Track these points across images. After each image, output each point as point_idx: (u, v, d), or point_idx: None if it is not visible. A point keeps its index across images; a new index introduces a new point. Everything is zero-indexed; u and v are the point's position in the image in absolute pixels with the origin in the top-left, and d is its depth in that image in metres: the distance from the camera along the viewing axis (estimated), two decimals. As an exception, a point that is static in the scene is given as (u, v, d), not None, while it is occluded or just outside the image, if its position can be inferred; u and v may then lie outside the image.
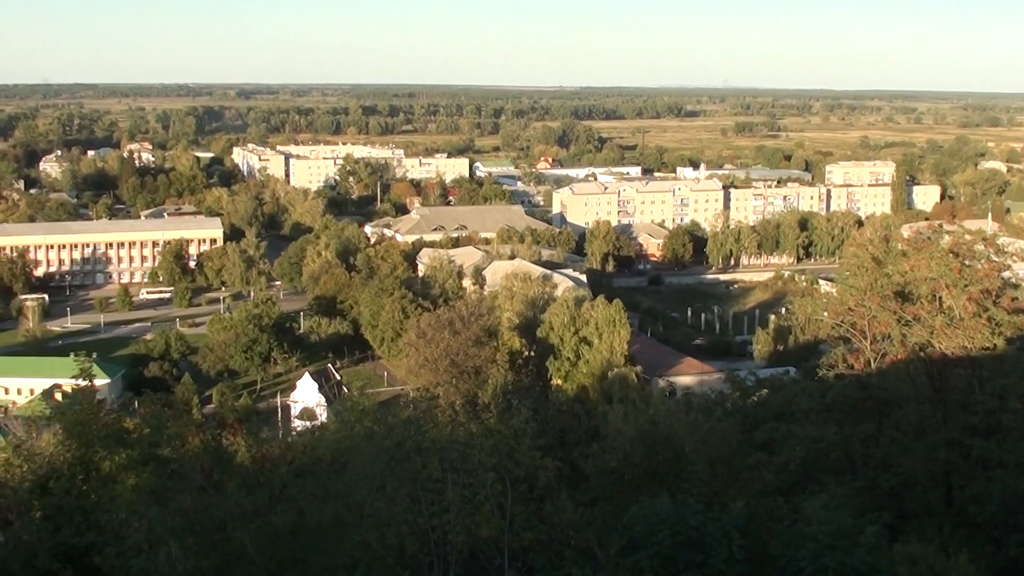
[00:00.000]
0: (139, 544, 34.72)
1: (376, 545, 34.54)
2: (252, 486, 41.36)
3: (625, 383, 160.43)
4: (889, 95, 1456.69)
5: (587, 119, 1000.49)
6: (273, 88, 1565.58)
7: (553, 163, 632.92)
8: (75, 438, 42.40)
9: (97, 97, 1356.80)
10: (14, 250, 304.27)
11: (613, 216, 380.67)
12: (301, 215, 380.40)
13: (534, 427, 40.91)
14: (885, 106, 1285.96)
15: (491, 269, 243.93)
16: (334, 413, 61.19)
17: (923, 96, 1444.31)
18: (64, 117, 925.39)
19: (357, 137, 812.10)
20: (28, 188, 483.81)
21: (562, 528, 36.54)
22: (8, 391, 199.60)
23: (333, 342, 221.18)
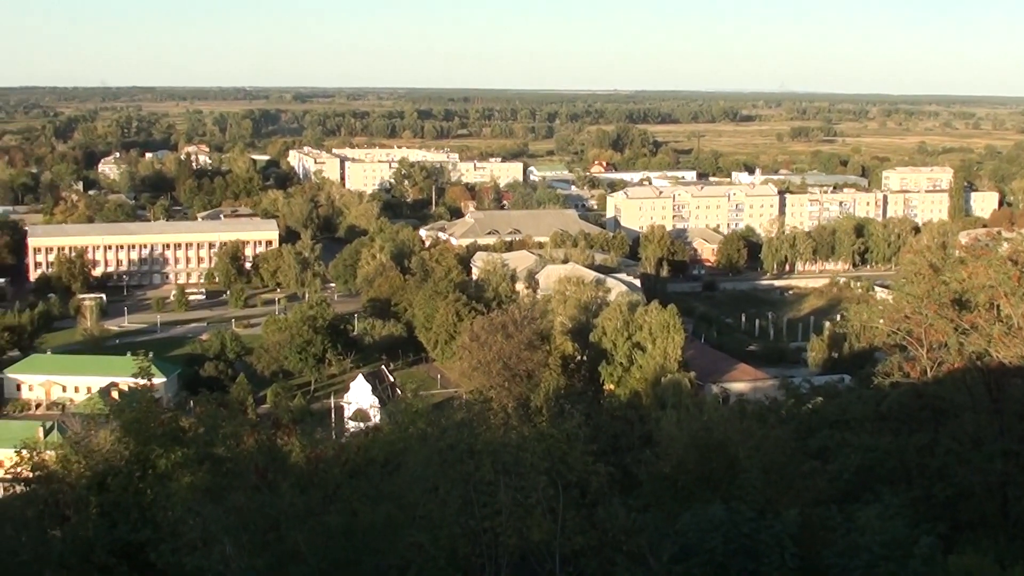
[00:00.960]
0: (194, 541, 35.01)
1: (428, 546, 34.66)
2: (306, 486, 41.62)
3: (678, 389, 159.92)
4: (947, 100, 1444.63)
5: (642, 123, 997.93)
6: (329, 92, 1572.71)
7: (607, 167, 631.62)
8: (132, 436, 42.81)
9: (155, 100, 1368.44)
10: (73, 250, 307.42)
11: (667, 221, 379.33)
12: (356, 218, 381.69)
13: (586, 432, 40.82)
14: (943, 111, 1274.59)
15: (544, 273, 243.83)
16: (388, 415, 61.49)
17: (982, 101, 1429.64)
18: (123, 120, 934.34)
19: (412, 141, 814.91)
20: (87, 189, 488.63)
21: (614, 534, 36.48)
22: (66, 389, 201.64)
23: (387, 344, 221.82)
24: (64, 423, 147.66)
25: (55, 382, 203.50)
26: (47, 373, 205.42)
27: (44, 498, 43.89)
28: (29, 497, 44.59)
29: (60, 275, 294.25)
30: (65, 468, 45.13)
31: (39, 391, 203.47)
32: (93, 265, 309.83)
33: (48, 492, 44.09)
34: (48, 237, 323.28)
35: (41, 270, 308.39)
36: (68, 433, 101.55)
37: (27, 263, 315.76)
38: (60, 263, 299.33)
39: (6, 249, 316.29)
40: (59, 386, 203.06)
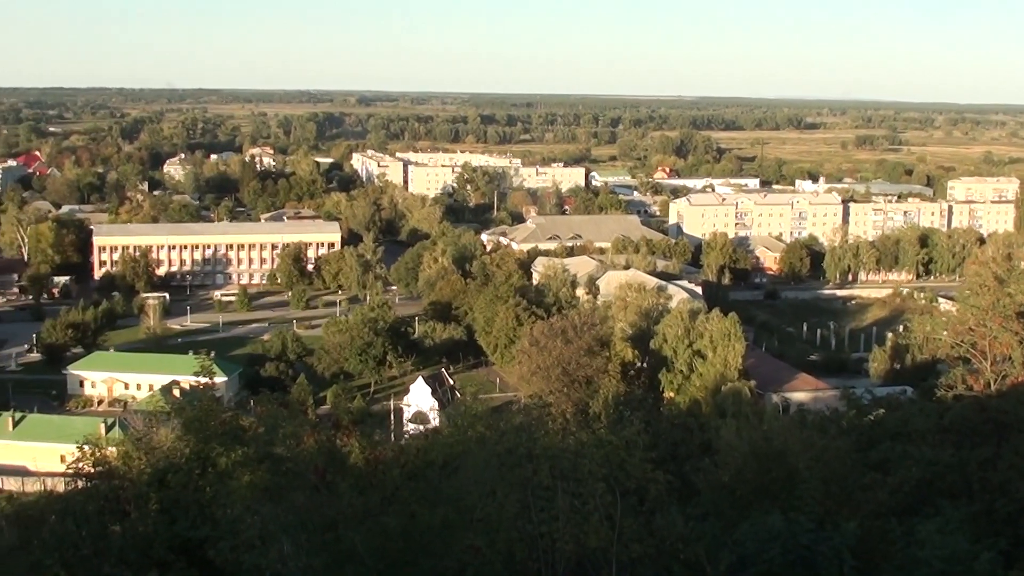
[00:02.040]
0: (252, 540, 35.20)
1: (485, 550, 34.68)
2: (364, 487, 41.81)
3: (739, 398, 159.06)
4: (1015, 110, 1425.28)
5: (705, 129, 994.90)
6: (393, 96, 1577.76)
7: (670, 173, 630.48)
8: (193, 434, 43.17)
9: (221, 102, 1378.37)
10: (137, 249, 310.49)
11: (730, 228, 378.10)
12: (418, 221, 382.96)
13: (646, 439, 40.67)
14: (1010, 120, 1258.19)
15: (605, 279, 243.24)
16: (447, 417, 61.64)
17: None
18: (188, 121, 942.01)
19: (475, 145, 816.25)
20: (152, 190, 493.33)
21: (671, 542, 36.33)
22: (128, 386, 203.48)
23: (447, 347, 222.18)
24: (126, 420, 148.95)
25: (117, 379, 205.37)
26: (110, 370, 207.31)
27: (105, 493, 44.30)
28: (90, 492, 45.00)
29: (124, 274, 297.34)
30: (126, 464, 45.54)
31: (101, 388, 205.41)
32: (157, 264, 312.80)
33: (109, 488, 44.50)
34: (113, 236, 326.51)
35: (106, 269, 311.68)
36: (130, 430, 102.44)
37: (92, 262, 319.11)
38: (124, 262, 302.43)
39: (72, 248, 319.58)
40: (121, 383, 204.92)
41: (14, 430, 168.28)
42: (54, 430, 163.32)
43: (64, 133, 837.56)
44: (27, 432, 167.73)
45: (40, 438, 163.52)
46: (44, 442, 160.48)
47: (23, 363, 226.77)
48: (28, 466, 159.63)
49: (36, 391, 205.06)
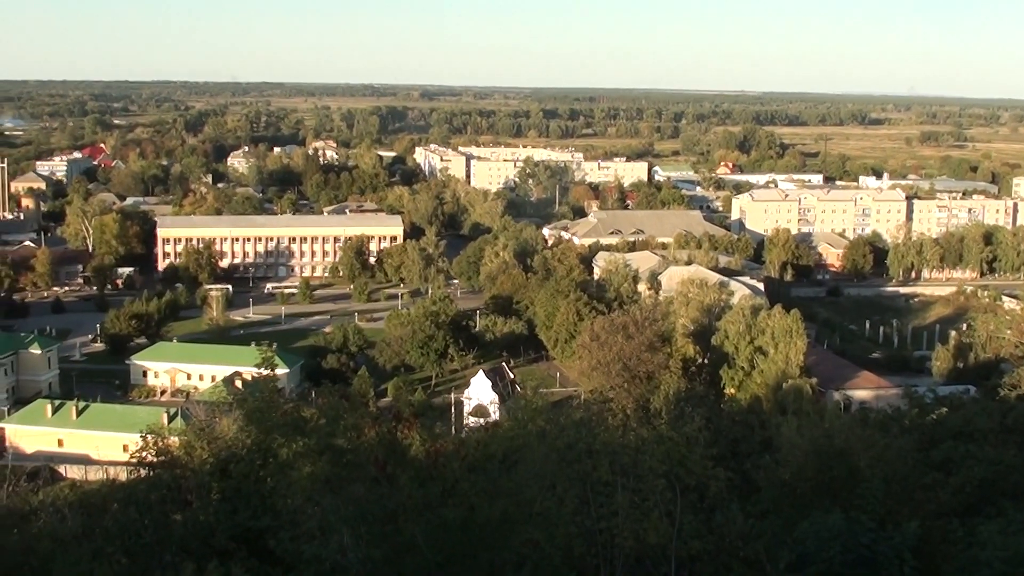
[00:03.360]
0: (312, 530, 35.41)
1: (544, 544, 34.67)
2: (425, 479, 41.92)
3: (800, 395, 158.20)
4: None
5: (769, 124, 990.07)
6: (456, 90, 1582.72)
7: (733, 168, 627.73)
8: (256, 424, 43.42)
9: (284, 95, 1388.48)
10: (201, 241, 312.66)
11: (793, 224, 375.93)
12: (480, 215, 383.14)
13: (706, 436, 40.56)
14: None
15: (667, 274, 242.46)
16: (507, 411, 61.62)
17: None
18: (252, 114, 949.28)
19: (537, 140, 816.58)
20: (216, 182, 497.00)
21: (731, 539, 36.22)
22: (190, 377, 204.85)
23: (508, 341, 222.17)
24: (188, 410, 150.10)
25: (180, 370, 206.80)
26: (172, 361, 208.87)
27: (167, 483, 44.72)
28: (153, 481, 45.44)
29: (188, 265, 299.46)
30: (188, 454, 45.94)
31: (164, 378, 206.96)
32: (220, 256, 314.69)
33: (171, 477, 44.92)
34: (177, 228, 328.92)
35: (169, 260, 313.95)
36: (192, 420, 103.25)
37: (156, 253, 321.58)
38: (188, 254, 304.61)
39: (136, 239, 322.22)
40: (184, 374, 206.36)
41: (78, 419, 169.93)
42: (117, 419, 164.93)
43: (129, 126, 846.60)
44: (91, 421, 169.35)
45: (103, 427, 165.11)
46: (107, 431, 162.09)
47: (87, 353, 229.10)
48: (91, 454, 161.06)
49: (100, 381, 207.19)
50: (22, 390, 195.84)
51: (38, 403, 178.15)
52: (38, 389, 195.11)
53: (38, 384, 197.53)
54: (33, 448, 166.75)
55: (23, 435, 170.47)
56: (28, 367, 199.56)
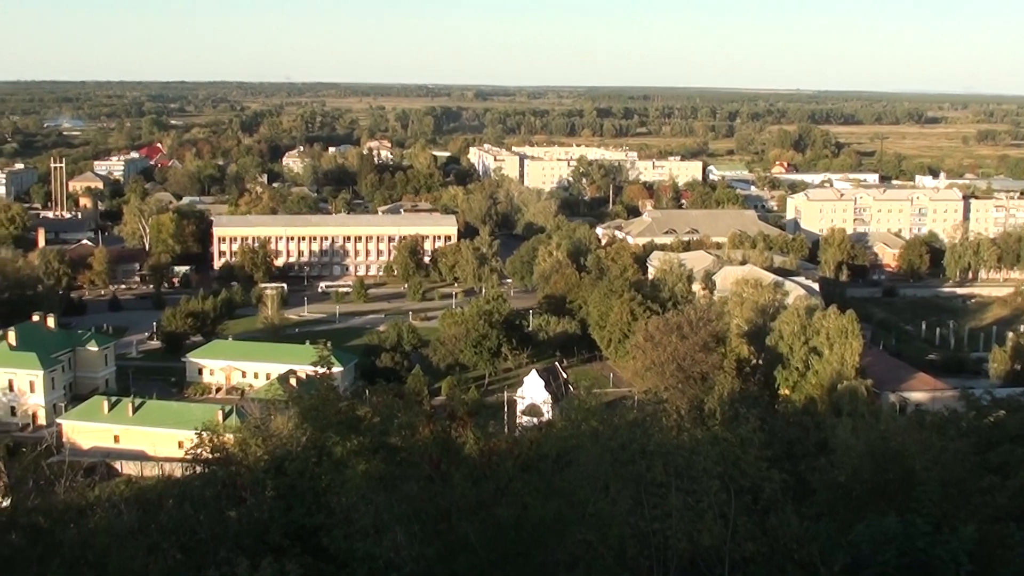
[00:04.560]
0: (366, 528, 35.53)
1: (597, 544, 34.65)
2: (478, 478, 42.00)
3: (855, 396, 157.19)
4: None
5: (824, 123, 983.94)
6: (510, 90, 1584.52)
7: (788, 168, 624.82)
8: (310, 422, 43.66)
9: (339, 96, 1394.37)
10: (256, 240, 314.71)
11: (848, 224, 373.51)
12: (534, 215, 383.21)
13: (761, 437, 40.41)
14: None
15: (721, 274, 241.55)
16: (561, 411, 61.63)
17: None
18: (307, 114, 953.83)
19: (591, 139, 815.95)
20: (271, 182, 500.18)
21: (785, 542, 36.03)
22: (245, 375, 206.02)
23: (561, 341, 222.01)
24: (243, 408, 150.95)
25: (235, 367, 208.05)
26: (228, 359, 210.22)
27: (222, 479, 45.04)
28: (208, 478, 45.78)
29: (243, 264, 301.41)
30: (243, 451, 46.25)
31: (219, 376, 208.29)
32: (275, 255, 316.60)
33: (226, 474, 45.24)
34: (232, 227, 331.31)
35: (225, 259, 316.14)
36: (247, 418, 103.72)
37: (212, 252, 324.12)
38: (243, 253, 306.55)
39: (192, 238, 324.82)
40: (239, 371, 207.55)
41: (134, 415, 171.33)
42: (173, 416, 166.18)
43: (185, 126, 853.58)
44: (146, 418, 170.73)
45: (159, 424, 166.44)
46: (163, 428, 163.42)
47: (143, 350, 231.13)
48: (147, 451, 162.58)
49: (156, 378, 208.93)
50: (79, 387, 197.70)
51: (95, 400, 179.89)
52: (95, 386, 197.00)
53: (95, 381, 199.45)
54: (90, 444, 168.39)
55: (80, 431, 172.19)
56: (85, 364, 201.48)
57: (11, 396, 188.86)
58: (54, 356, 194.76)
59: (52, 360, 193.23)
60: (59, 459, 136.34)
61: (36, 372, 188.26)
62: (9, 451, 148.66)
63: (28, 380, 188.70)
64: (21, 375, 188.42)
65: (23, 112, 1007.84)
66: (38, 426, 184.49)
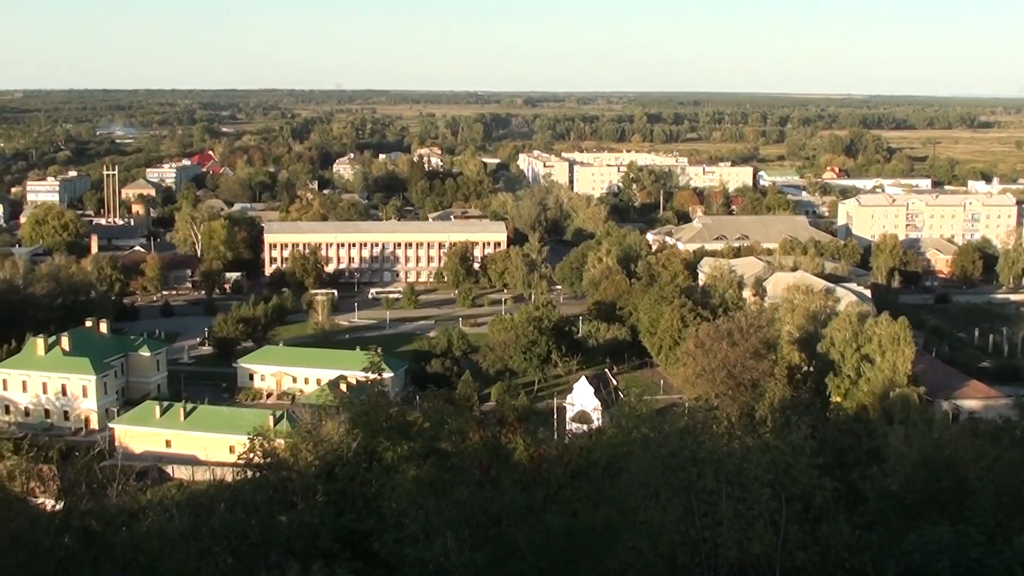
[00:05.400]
0: (416, 533, 35.62)
1: (647, 552, 34.56)
2: (528, 484, 42.04)
3: (907, 404, 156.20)
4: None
5: (876, 128, 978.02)
6: (559, 96, 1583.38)
7: (839, 173, 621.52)
8: (361, 428, 43.80)
9: (389, 103, 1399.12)
10: (307, 247, 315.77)
11: (900, 230, 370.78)
12: (584, 221, 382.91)
13: (812, 445, 40.18)
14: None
15: (772, 280, 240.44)
16: (611, 418, 61.59)
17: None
18: (357, 122, 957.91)
19: (641, 145, 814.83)
20: (322, 188, 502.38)
21: (837, 550, 35.84)
22: (296, 380, 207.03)
23: (611, 347, 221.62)
24: (294, 413, 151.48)
25: (286, 373, 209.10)
26: (278, 364, 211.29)
27: (274, 484, 45.28)
28: (259, 483, 46.05)
29: (294, 270, 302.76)
30: (294, 456, 46.46)
31: (270, 381, 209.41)
32: (326, 262, 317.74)
33: (277, 479, 45.48)
34: (283, 234, 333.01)
35: (276, 265, 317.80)
36: (298, 423, 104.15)
37: (263, 258, 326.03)
38: (294, 259, 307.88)
39: (243, 244, 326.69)
40: (289, 377, 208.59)
41: (186, 420, 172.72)
42: (224, 421, 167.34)
43: (237, 133, 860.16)
44: (198, 423, 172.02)
45: (210, 429, 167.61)
46: (214, 433, 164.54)
47: (195, 356, 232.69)
48: (198, 455, 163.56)
49: (207, 383, 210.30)
50: (132, 391, 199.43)
51: (147, 404, 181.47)
52: (147, 391, 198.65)
53: (147, 386, 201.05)
54: (142, 448, 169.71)
55: (132, 435, 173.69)
56: (138, 369, 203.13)
57: (64, 400, 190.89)
58: (106, 361, 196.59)
59: (104, 365, 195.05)
60: (111, 463, 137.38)
61: (89, 377, 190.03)
62: (62, 455, 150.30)
63: (81, 385, 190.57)
64: (74, 380, 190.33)
65: (76, 120, 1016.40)
66: (91, 430, 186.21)
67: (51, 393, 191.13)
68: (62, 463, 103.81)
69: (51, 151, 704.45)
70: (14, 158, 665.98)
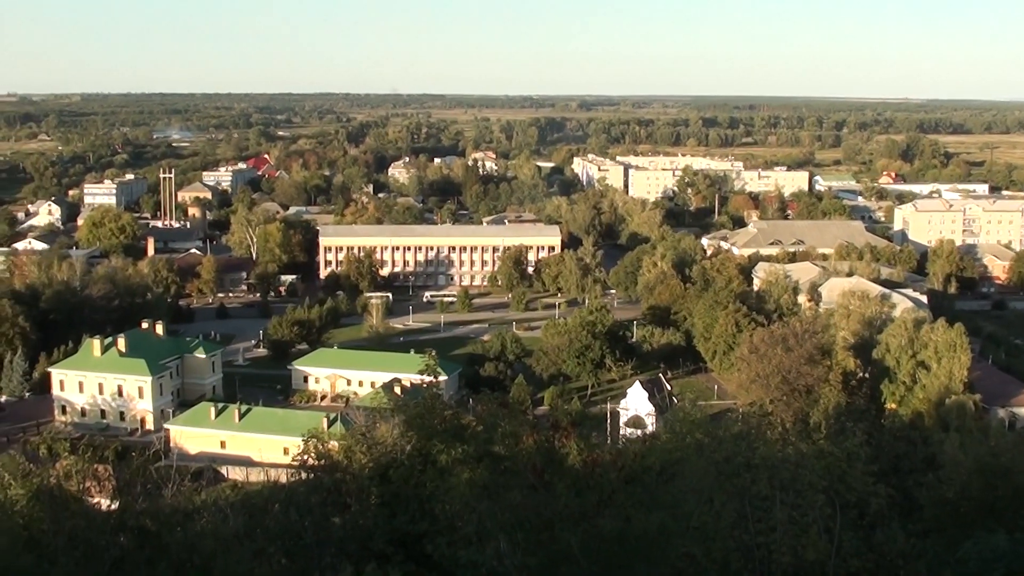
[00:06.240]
0: (469, 536, 35.75)
1: (701, 558, 34.52)
2: (581, 489, 42.04)
3: (963, 411, 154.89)
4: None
5: (933, 133, 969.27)
6: (614, 100, 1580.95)
7: (896, 178, 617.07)
8: (416, 430, 43.94)
9: (444, 107, 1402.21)
10: (361, 250, 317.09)
11: (957, 235, 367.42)
12: (638, 225, 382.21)
13: (867, 451, 39.97)
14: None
15: (828, 286, 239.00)
16: (665, 423, 61.47)
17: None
18: (413, 126, 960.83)
19: (696, 149, 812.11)
20: (377, 192, 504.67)
21: (891, 558, 35.63)
22: (350, 383, 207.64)
23: (665, 352, 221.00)
24: (348, 415, 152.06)
25: (340, 375, 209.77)
26: (333, 367, 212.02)
27: (328, 486, 45.52)
28: (313, 484, 46.29)
29: (349, 273, 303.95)
30: (348, 459, 46.66)
31: (325, 384, 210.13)
32: (380, 265, 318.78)
33: (332, 480, 45.71)
34: (338, 237, 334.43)
35: (331, 268, 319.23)
36: (352, 425, 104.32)
37: (318, 261, 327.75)
38: (349, 262, 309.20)
39: (298, 247, 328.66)
40: (344, 379, 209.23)
41: (240, 422, 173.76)
42: (278, 423, 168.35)
43: (292, 137, 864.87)
44: (253, 424, 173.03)
45: (265, 430, 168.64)
46: (269, 434, 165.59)
47: (250, 358, 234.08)
48: (253, 456, 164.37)
49: (262, 385, 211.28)
50: (187, 393, 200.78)
51: (202, 406, 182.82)
52: (202, 392, 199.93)
53: (202, 387, 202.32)
54: (197, 449, 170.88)
55: (188, 436, 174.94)
56: (193, 371, 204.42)
57: (120, 401, 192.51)
58: (162, 363, 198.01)
59: (160, 367, 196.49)
60: (167, 463, 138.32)
61: (145, 378, 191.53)
62: (118, 455, 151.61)
63: (137, 386, 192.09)
64: (130, 381, 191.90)
65: (133, 124, 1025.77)
66: (146, 431, 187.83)
67: (107, 394, 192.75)
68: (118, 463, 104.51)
69: (108, 154, 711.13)
70: (72, 161, 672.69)
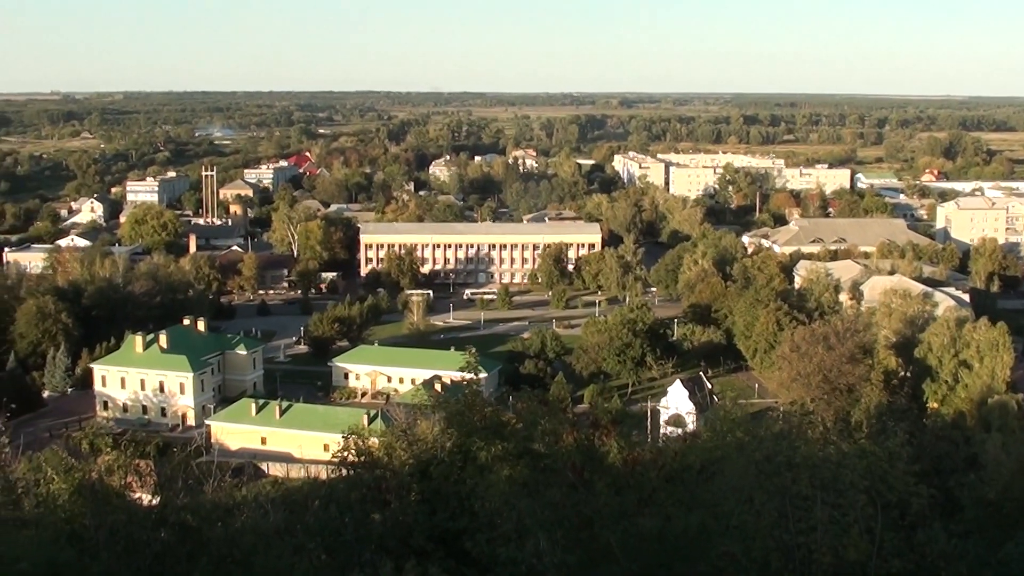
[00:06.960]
0: (509, 533, 35.76)
1: (740, 557, 34.43)
2: (621, 487, 42.01)
3: (1006, 411, 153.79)
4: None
5: (975, 130, 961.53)
6: (655, 97, 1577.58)
7: (938, 176, 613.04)
8: (456, 427, 43.99)
9: (485, 105, 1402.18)
10: (402, 248, 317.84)
11: (1000, 233, 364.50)
12: (679, 223, 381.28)
13: (909, 451, 39.75)
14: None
15: (869, 284, 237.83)
16: (705, 422, 61.34)
17: None
18: (453, 124, 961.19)
19: (737, 146, 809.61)
20: (418, 190, 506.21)
21: (933, 559, 35.44)
22: (391, 379, 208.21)
23: (706, 350, 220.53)
24: (388, 412, 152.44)
25: (381, 372, 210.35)
26: (373, 364, 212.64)
27: (368, 483, 45.59)
28: (354, 481, 46.38)
29: (389, 271, 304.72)
30: (389, 455, 46.74)
31: (365, 380, 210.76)
32: (421, 262, 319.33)
33: (372, 477, 45.78)
34: (379, 234, 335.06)
35: (371, 266, 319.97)
36: (392, 422, 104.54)
37: (358, 259, 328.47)
38: (390, 259, 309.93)
39: (339, 245, 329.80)
40: (384, 376, 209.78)
41: (281, 418, 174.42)
42: (319, 420, 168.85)
43: (333, 135, 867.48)
44: (293, 420, 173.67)
45: (305, 427, 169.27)
46: (309, 431, 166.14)
47: (291, 354, 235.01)
48: (293, 453, 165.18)
49: (302, 381, 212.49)
50: (228, 389, 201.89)
51: (243, 402, 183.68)
52: (243, 388, 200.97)
53: (243, 384, 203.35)
54: (238, 445, 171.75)
55: (228, 432, 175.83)
56: (234, 367, 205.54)
57: (162, 397, 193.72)
58: (204, 359, 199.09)
59: (202, 363, 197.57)
60: (208, 459, 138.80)
61: (186, 374, 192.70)
62: (159, 451, 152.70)
63: (178, 382, 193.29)
64: (172, 377, 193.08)
65: (175, 122, 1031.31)
66: (187, 427, 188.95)
67: (149, 390, 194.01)
68: (159, 459, 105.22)
69: (151, 152, 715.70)
70: (114, 159, 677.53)
